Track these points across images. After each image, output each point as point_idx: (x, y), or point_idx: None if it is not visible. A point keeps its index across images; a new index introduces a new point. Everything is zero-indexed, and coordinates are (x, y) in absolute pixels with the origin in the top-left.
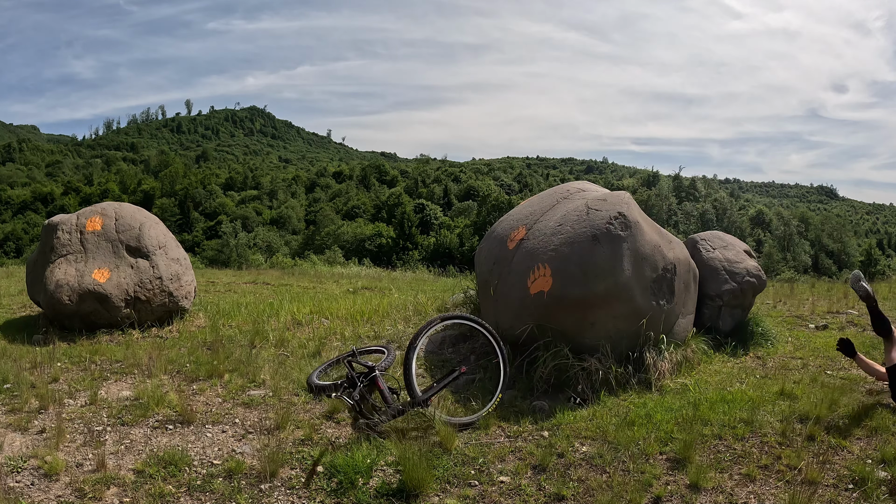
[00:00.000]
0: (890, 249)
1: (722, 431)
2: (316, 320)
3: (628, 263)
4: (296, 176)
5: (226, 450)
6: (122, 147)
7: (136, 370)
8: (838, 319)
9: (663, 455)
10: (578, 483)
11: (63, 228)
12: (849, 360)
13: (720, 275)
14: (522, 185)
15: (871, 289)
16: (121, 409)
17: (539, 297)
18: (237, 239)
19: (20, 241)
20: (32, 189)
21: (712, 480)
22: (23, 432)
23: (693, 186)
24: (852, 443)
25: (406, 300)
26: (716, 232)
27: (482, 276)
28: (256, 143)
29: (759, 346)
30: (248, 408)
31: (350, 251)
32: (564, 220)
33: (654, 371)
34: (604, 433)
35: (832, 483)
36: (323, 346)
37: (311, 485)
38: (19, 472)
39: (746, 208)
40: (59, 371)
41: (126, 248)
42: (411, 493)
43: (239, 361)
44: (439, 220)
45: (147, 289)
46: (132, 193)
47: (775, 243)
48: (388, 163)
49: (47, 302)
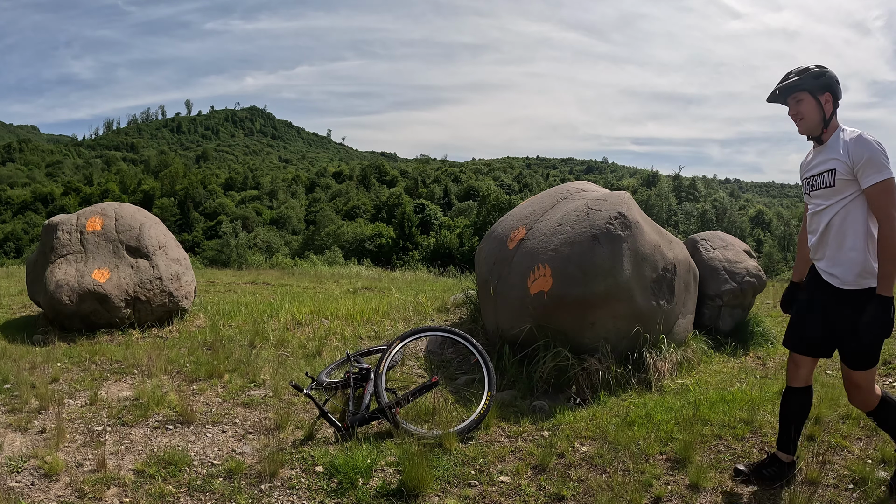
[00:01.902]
0: None
1: (722, 431)
2: (316, 320)
3: (628, 263)
4: (296, 176)
5: (226, 450)
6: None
7: (136, 370)
8: None
9: (663, 455)
10: (578, 483)
11: (63, 228)
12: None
13: (720, 275)
14: (522, 185)
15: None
16: (121, 409)
17: (539, 297)
18: (237, 239)
19: (20, 241)
20: (32, 189)
21: (712, 480)
22: (23, 432)
23: (693, 186)
24: (852, 443)
25: (406, 300)
26: (716, 232)
27: (482, 277)
28: (256, 143)
29: (759, 346)
30: (248, 408)
31: (350, 251)
32: (564, 220)
33: (654, 371)
34: (604, 433)
35: (832, 483)
36: (323, 346)
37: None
38: (19, 472)
39: (746, 208)
40: (59, 371)
41: (126, 248)
42: (411, 493)
43: (239, 361)
44: (439, 221)
45: (147, 289)
46: (132, 193)
47: (775, 243)
48: (387, 163)
49: (47, 302)
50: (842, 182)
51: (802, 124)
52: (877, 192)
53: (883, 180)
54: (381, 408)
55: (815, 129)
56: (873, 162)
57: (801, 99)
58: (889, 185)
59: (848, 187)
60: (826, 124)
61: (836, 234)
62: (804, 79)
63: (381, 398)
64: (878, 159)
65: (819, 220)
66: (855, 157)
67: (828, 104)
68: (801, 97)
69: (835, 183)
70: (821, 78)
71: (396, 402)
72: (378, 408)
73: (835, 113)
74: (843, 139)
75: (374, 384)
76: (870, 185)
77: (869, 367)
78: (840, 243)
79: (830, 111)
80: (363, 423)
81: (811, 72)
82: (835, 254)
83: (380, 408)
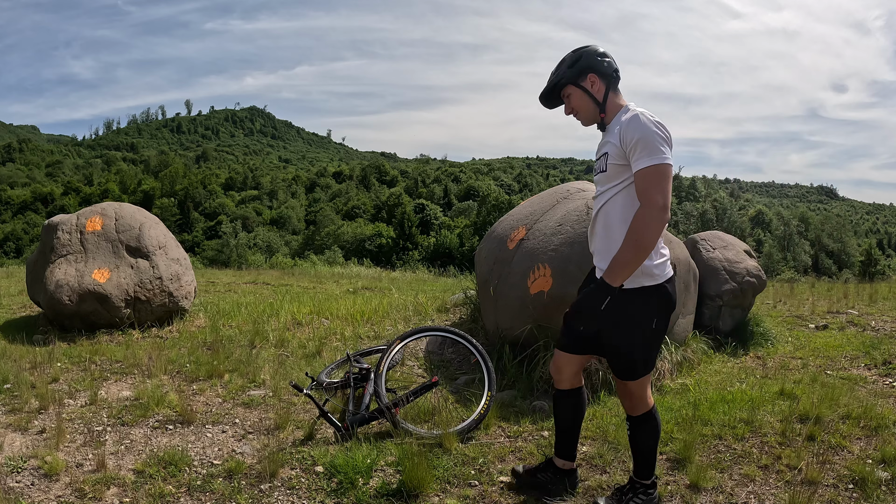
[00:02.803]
0: (890, 249)
1: (722, 431)
2: (316, 320)
3: None
4: (296, 176)
5: (226, 450)
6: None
7: (136, 370)
8: (838, 319)
9: (663, 455)
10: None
11: (63, 228)
12: (849, 360)
13: (720, 275)
14: (522, 185)
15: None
16: (121, 409)
17: (539, 297)
18: (237, 239)
19: (20, 241)
20: (32, 189)
21: (712, 480)
22: (23, 432)
23: (693, 186)
24: (852, 443)
25: (406, 300)
26: (716, 232)
27: (482, 276)
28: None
29: (759, 346)
30: (248, 408)
31: (350, 251)
32: (564, 220)
33: (654, 371)
34: (604, 433)
35: (832, 483)
36: (323, 346)
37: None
38: (19, 472)
39: (746, 208)
40: (59, 371)
41: (126, 248)
42: (411, 493)
43: (239, 361)
44: (439, 220)
45: (147, 289)
46: (132, 193)
47: (775, 243)
48: (387, 163)
49: (47, 302)
50: (614, 168)
51: (581, 118)
52: (642, 175)
53: (653, 165)
54: (381, 408)
55: (593, 118)
56: (645, 144)
57: (568, 94)
58: (659, 171)
59: (621, 173)
60: (603, 108)
61: (603, 225)
62: (561, 72)
63: (381, 398)
64: (651, 141)
65: (594, 209)
66: (626, 139)
67: (595, 85)
68: (568, 91)
69: (607, 168)
70: (577, 63)
71: (396, 402)
72: (378, 408)
73: (610, 91)
74: (621, 120)
75: (374, 384)
76: (638, 168)
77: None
78: (608, 235)
79: (603, 91)
80: (363, 423)
81: (566, 62)
82: (603, 246)
83: (380, 408)
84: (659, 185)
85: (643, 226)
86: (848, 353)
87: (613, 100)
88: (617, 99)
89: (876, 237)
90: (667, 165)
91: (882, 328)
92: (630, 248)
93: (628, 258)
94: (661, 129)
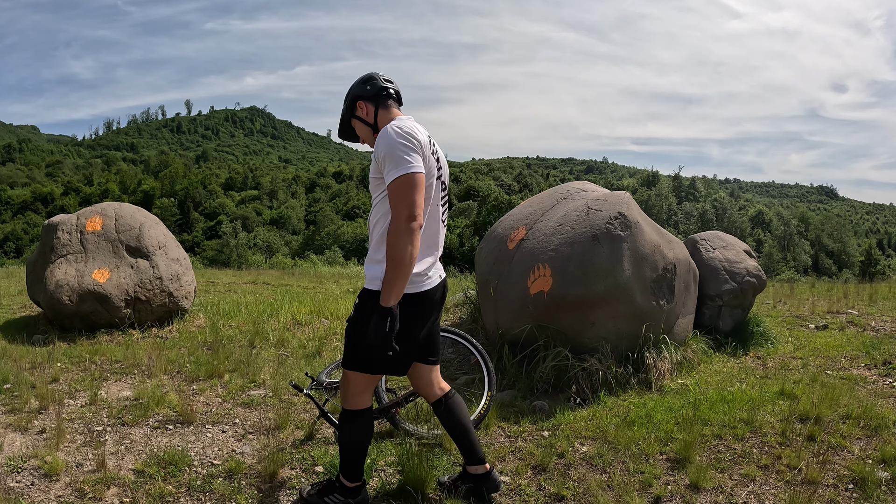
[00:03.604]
0: (890, 249)
1: (722, 431)
2: (316, 320)
3: (628, 263)
4: (296, 176)
5: (226, 450)
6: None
7: (136, 370)
8: (838, 319)
9: (663, 455)
10: (578, 483)
11: (63, 228)
12: (849, 360)
13: (720, 275)
14: (522, 185)
15: None
16: (121, 409)
17: (539, 297)
18: (237, 239)
19: (20, 241)
20: (32, 189)
21: (712, 480)
22: (23, 432)
23: (693, 186)
24: (852, 443)
25: None
26: (716, 232)
27: (482, 277)
28: (256, 143)
29: (759, 346)
30: (248, 408)
31: (350, 251)
32: (564, 220)
33: (654, 371)
34: (604, 433)
35: (832, 483)
36: (323, 346)
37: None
38: (19, 472)
39: (746, 208)
40: (59, 371)
41: (126, 248)
42: (411, 494)
43: (239, 361)
44: None
45: (147, 289)
46: (132, 193)
47: (775, 243)
48: None
49: (47, 302)
50: (373, 181)
51: (368, 143)
52: (391, 189)
53: (399, 176)
54: (381, 408)
55: (372, 139)
56: (391, 157)
57: (355, 125)
58: (406, 181)
59: (377, 187)
60: (375, 128)
61: (371, 238)
62: (343, 111)
63: (381, 398)
64: (395, 153)
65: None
66: (378, 155)
67: (363, 110)
68: (353, 125)
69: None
70: (348, 96)
71: (396, 403)
72: (378, 408)
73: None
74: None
75: (376, 389)
76: (388, 182)
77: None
78: (371, 248)
79: (372, 112)
80: None
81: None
82: (366, 259)
83: (380, 408)
84: (405, 197)
85: (394, 240)
86: (848, 353)
87: (385, 116)
88: (388, 115)
89: (876, 237)
90: (412, 174)
91: (882, 328)
92: (389, 266)
93: (390, 277)
94: (408, 138)
